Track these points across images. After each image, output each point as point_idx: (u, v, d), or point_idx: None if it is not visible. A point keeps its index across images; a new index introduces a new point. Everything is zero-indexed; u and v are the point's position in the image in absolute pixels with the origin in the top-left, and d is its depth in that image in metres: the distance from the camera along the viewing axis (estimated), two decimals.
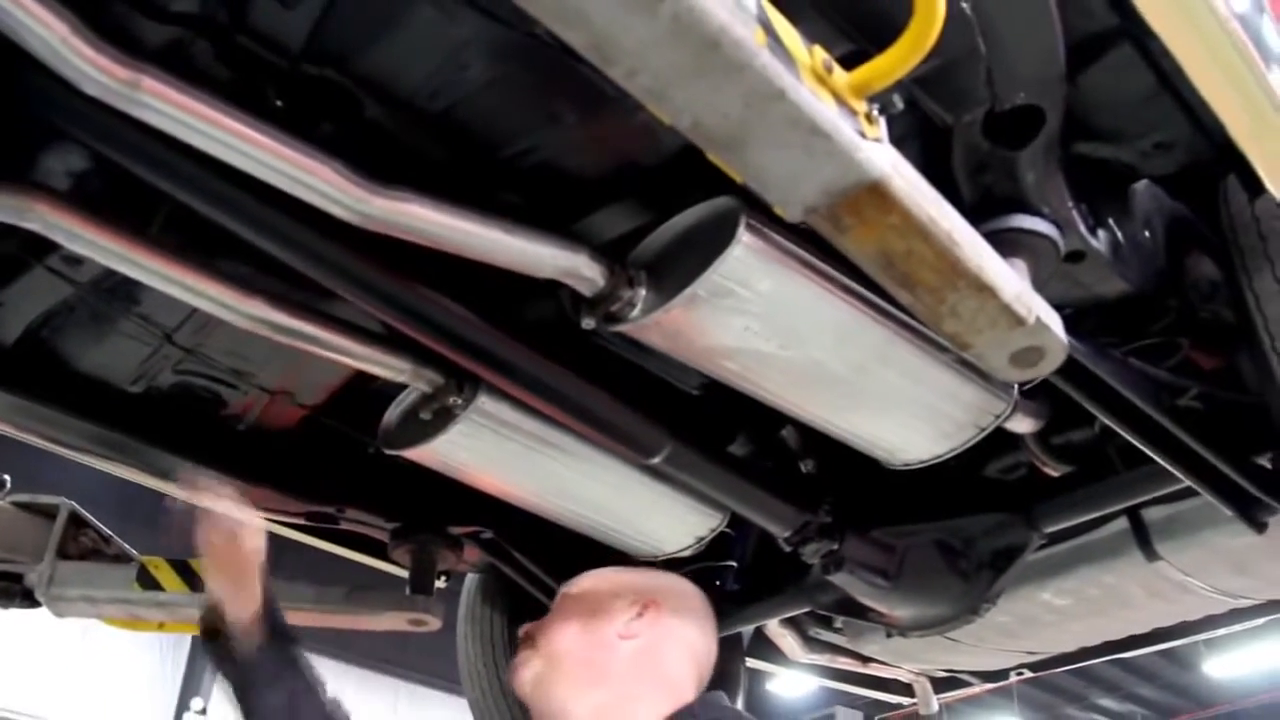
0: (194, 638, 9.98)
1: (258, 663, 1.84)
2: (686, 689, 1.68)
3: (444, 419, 1.94)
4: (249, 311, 1.68)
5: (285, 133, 1.42)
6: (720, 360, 1.75)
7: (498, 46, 1.46)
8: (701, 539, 2.36)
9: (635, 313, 1.66)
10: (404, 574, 2.49)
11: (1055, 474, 2.38)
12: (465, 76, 1.52)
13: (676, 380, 2.25)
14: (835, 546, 2.20)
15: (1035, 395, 2.09)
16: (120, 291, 1.91)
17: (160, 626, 2.54)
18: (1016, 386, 1.97)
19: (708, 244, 1.59)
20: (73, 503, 2.49)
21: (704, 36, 1.01)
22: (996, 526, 2.33)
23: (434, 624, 2.41)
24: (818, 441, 2.20)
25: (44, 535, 2.46)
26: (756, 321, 1.66)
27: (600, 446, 2.07)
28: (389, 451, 2.06)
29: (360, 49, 1.51)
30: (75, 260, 1.83)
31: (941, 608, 2.40)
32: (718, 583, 2.81)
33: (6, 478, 2.58)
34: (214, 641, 1.89)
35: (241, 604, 1.84)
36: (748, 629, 2.98)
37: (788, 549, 2.23)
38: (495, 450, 2.03)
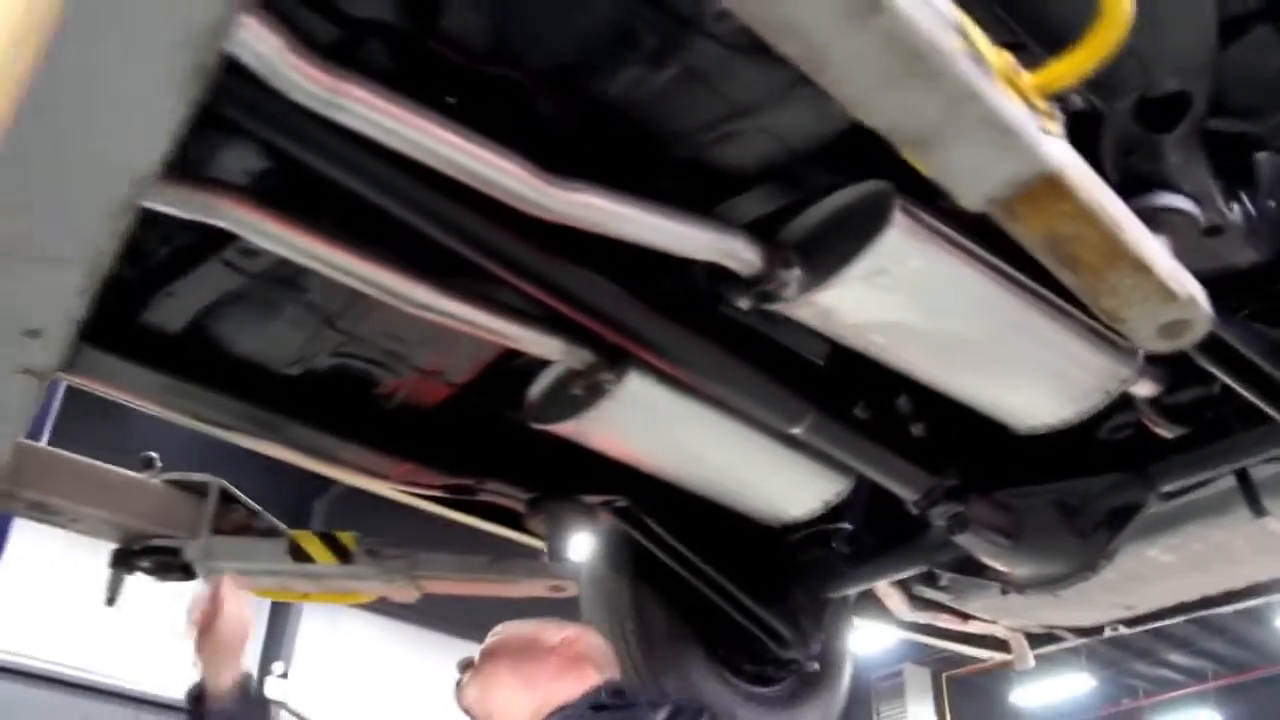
0: (272, 604, 10.30)
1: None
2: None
3: (594, 394, 2.04)
4: (418, 298, 1.79)
5: (473, 130, 1.52)
6: (868, 335, 1.84)
7: (677, 43, 1.54)
8: (828, 502, 2.45)
9: (789, 292, 1.76)
10: (538, 543, 2.61)
11: (1169, 435, 2.44)
12: (639, 72, 1.60)
13: (803, 350, 2.34)
14: (961, 508, 2.29)
15: (1154, 359, 2.15)
16: (288, 281, 2.03)
17: (305, 596, 2.68)
18: (1142, 351, 2.03)
19: (861, 226, 1.68)
20: (222, 480, 2.62)
21: (912, 47, 1.09)
22: (1113, 486, 2.41)
23: (572, 589, 2.54)
24: (935, 406, 2.27)
25: (196, 511, 2.60)
26: (906, 297, 1.75)
27: (739, 416, 2.17)
28: (535, 426, 2.18)
29: (539, 48, 1.60)
30: (251, 252, 1.94)
31: (1060, 565, 2.48)
32: (831, 544, 2.91)
33: (155, 455, 2.72)
34: (195, 708, 2.19)
35: (224, 672, 2.18)
36: (857, 590, 3.07)
37: (915, 511, 2.32)
38: (641, 423, 2.14)
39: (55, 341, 1.60)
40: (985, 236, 1.72)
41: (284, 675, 10.75)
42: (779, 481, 2.40)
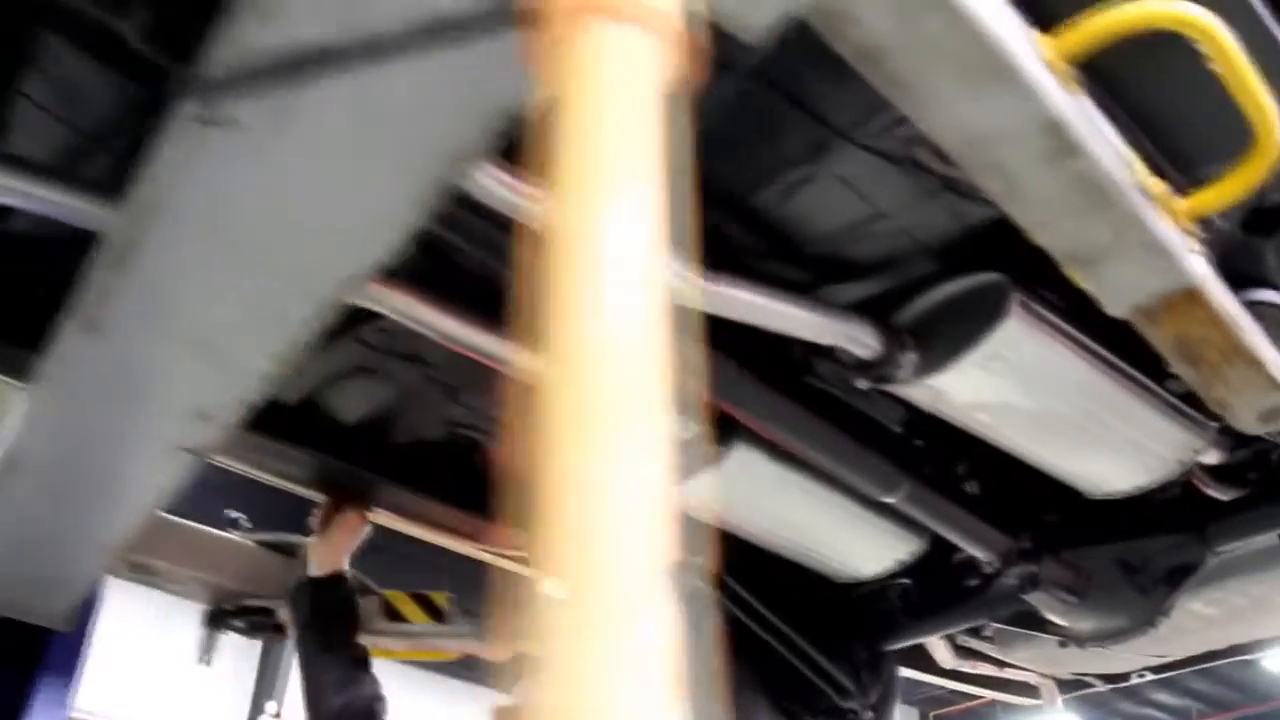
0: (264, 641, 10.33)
1: (330, 607, 2.28)
2: None
3: (699, 464, 2.15)
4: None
5: None
6: (975, 413, 1.97)
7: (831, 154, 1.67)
8: (902, 562, 2.58)
9: (904, 374, 1.89)
10: None
11: (1223, 498, 2.58)
12: (794, 181, 1.73)
13: (883, 418, 2.47)
14: (1035, 569, 2.42)
15: (1224, 429, 2.30)
16: (415, 357, 2.13)
17: (391, 654, 2.76)
18: (1216, 424, 2.17)
19: (979, 314, 1.81)
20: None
21: (1096, 184, 1.23)
22: (1173, 546, 2.54)
23: None
24: (1010, 471, 2.40)
25: (286, 570, 2.68)
26: (1014, 380, 1.89)
27: (829, 483, 2.29)
28: None
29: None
30: (386, 331, 2.04)
31: (1121, 620, 2.61)
32: (890, 599, 3.03)
33: (242, 516, 2.81)
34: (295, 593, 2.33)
35: (328, 559, 2.32)
36: (914, 642, 3.19)
37: (990, 571, 2.45)
38: (738, 491, 2.25)
39: (222, 425, 1.70)
40: (1085, 321, 1.86)
41: (276, 715, 10.68)
42: (859, 543, 2.52)
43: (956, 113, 1.14)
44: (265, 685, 10.81)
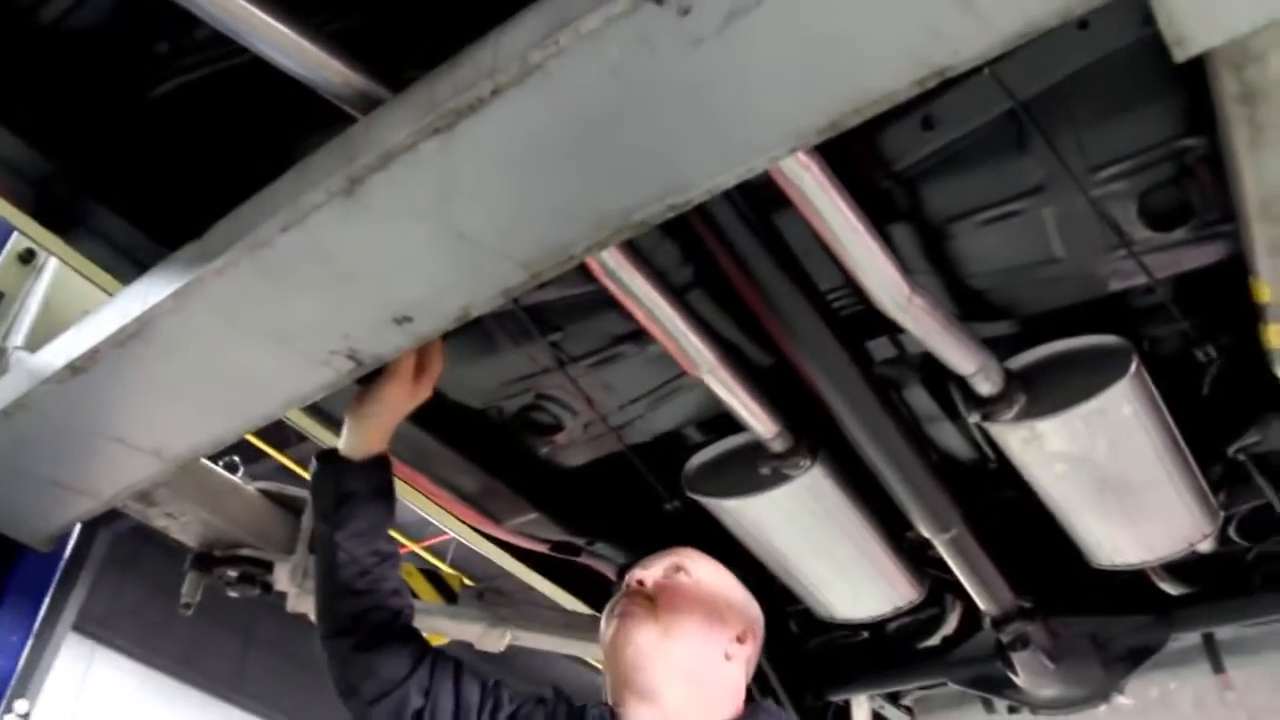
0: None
1: (361, 492, 1.79)
2: (743, 695, 1.87)
3: (778, 479, 2.21)
4: (707, 359, 1.91)
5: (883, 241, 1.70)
6: (1054, 463, 2.11)
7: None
8: (898, 609, 2.68)
9: (1010, 415, 2.02)
10: None
11: (1173, 592, 2.80)
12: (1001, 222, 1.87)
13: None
14: (1028, 628, 2.58)
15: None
16: (539, 315, 2.10)
17: None
18: (1222, 512, 2.39)
19: (1096, 372, 1.97)
20: None
21: None
22: (1140, 626, 2.75)
23: None
24: (1027, 530, 2.53)
25: (290, 527, 2.57)
26: (1105, 438, 2.05)
27: (873, 519, 2.38)
28: (691, 495, 2.33)
29: None
30: None
31: (1080, 691, 2.80)
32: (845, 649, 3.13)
33: (236, 459, 2.68)
34: (330, 461, 1.85)
35: (365, 440, 1.83)
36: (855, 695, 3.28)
37: (989, 626, 2.59)
38: (796, 513, 2.31)
39: (416, 334, 1.58)
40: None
41: (25, 716, 9.83)
42: (866, 583, 2.61)
43: None
44: (24, 680, 9.95)
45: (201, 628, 10.66)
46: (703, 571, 1.91)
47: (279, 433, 7.91)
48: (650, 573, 1.87)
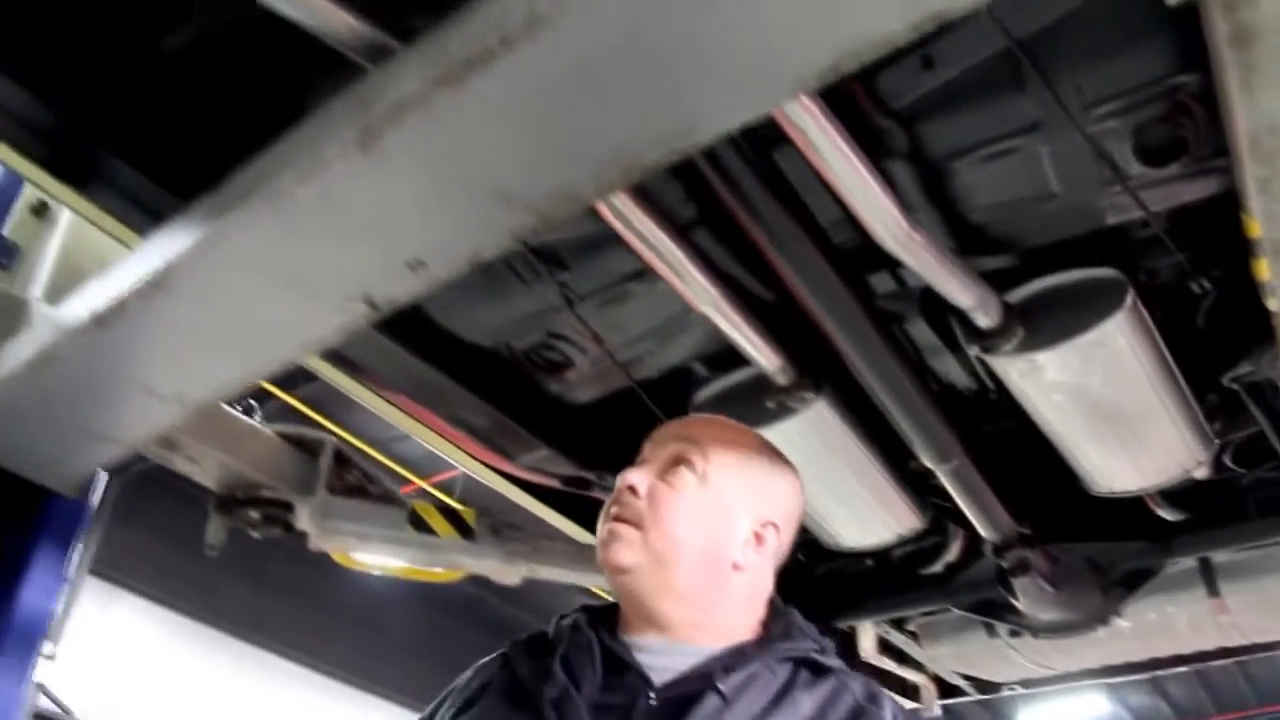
0: None
1: None
2: (763, 604, 1.54)
3: (784, 412, 2.27)
4: (711, 294, 1.96)
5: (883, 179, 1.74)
6: (1052, 393, 2.17)
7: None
8: (902, 537, 2.75)
9: (1009, 346, 2.07)
10: None
11: (1170, 518, 2.87)
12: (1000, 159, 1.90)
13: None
14: (1028, 554, 2.65)
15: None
16: (552, 256, 2.15)
17: (410, 571, 2.72)
18: (1217, 440, 2.45)
19: (1092, 304, 2.01)
20: (336, 439, 2.66)
21: None
22: (1137, 552, 2.83)
23: None
24: (1026, 458, 2.59)
25: (307, 468, 2.62)
26: (1101, 368, 2.10)
27: (873, 448, 2.44)
28: None
29: None
30: None
31: (1080, 615, 2.88)
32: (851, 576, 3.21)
33: (254, 402, 2.74)
34: None
35: None
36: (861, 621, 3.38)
37: (990, 553, 2.66)
38: (803, 446, 2.36)
39: (428, 279, 1.62)
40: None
41: (51, 657, 10.03)
42: (869, 513, 2.67)
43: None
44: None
45: (212, 570, 10.81)
46: (714, 457, 1.52)
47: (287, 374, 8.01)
48: (645, 473, 1.51)
